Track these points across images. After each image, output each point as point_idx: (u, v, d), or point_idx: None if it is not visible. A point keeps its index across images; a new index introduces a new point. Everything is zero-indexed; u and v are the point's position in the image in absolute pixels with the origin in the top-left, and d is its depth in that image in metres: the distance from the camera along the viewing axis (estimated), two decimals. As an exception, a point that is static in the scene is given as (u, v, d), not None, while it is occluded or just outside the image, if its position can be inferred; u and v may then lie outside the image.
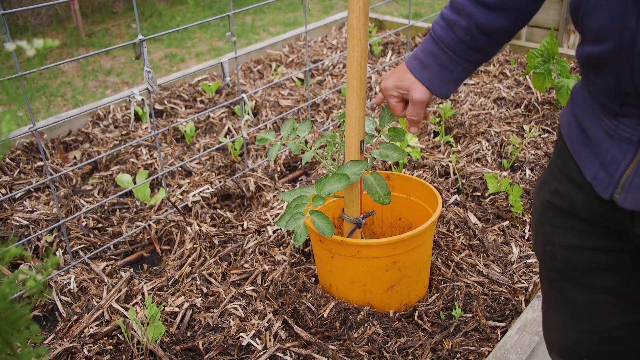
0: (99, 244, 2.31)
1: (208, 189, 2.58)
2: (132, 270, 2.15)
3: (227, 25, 6.82)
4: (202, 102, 3.50)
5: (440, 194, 2.51)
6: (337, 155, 1.85)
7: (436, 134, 3.06)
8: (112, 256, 2.28)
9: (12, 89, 5.15)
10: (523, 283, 2.02)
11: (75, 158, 2.92)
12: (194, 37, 6.45)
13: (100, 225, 2.41)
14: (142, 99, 2.14)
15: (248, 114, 2.54)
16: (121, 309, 1.95)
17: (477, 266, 2.11)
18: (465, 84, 3.61)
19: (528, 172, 2.67)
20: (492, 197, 2.50)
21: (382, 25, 4.65)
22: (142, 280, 2.10)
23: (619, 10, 0.88)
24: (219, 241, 2.28)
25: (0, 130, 0.64)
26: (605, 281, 1.12)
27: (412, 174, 2.66)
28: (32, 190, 2.69)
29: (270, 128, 3.19)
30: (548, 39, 3.11)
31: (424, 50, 1.34)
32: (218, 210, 2.47)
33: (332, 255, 1.88)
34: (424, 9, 7.02)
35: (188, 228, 2.32)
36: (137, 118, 3.37)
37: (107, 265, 2.18)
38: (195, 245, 2.23)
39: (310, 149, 1.93)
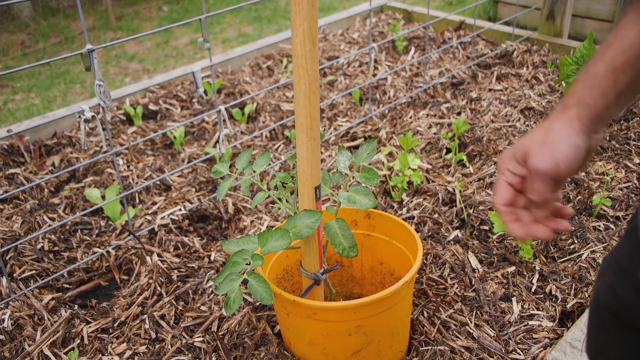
0: (51, 270, 2.10)
1: (180, 210, 2.32)
2: (76, 307, 1.93)
3: (259, 9, 6.52)
4: (199, 102, 3.24)
5: (440, 227, 2.19)
6: (292, 199, 1.56)
7: (449, 150, 2.72)
8: (65, 284, 2.06)
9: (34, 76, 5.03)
10: (519, 354, 1.69)
11: (53, 164, 2.72)
12: (223, 22, 6.19)
13: (56, 248, 2.19)
14: (93, 116, 1.89)
15: (227, 128, 2.26)
16: (52, 357, 1.73)
17: (467, 326, 1.79)
18: (491, 90, 3.23)
19: (549, 202, 2.30)
20: (501, 233, 2.15)
21: (411, 17, 4.27)
22: (84, 320, 1.87)
23: None
24: (179, 275, 2.03)
25: None
26: None
27: (411, 201, 2.34)
28: None
29: (266, 136, 2.90)
30: (586, 44, 2.69)
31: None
32: (185, 237, 2.21)
33: (287, 313, 1.60)
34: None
35: (147, 258, 2.07)
36: (129, 120, 3.14)
37: (52, 298, 1.96)
38: (150, 281, 1.98)
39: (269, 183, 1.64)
